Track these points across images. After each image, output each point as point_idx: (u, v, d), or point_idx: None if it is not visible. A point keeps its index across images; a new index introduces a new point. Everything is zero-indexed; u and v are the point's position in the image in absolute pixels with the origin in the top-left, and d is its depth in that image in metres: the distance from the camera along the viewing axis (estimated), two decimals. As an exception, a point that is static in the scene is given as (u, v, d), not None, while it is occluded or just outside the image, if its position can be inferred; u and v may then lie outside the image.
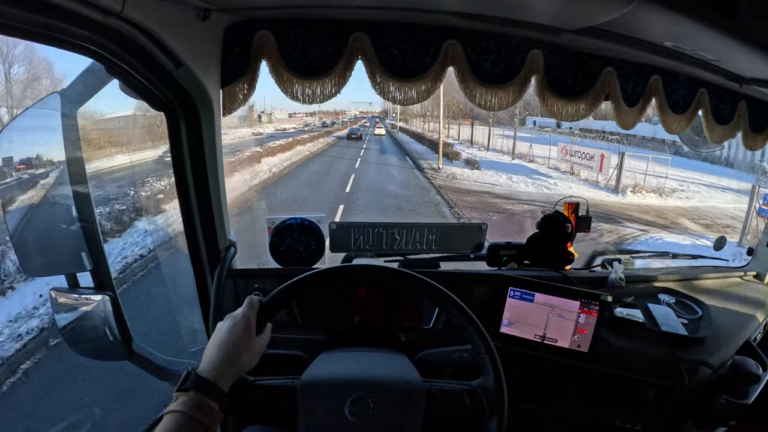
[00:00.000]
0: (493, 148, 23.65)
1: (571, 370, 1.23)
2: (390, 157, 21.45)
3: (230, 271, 1.28)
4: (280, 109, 65.49)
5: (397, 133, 40.79)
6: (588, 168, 15.29)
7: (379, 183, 13.66)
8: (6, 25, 0.69)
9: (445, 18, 1.14)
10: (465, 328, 0.87)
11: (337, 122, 61.86)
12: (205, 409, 0.70)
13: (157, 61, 0.97)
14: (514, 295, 1.23)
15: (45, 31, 0.75)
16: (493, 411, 0.83)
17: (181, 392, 0.71)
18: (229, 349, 0.77)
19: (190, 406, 0.69)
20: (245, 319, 0.80)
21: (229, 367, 0.76)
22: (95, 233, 1.14)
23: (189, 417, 0.69)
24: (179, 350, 1.34)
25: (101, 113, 10.31)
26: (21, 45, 12.84)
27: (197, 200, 1.20)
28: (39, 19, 0.71)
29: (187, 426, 0.68)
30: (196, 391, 0.71)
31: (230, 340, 0.78)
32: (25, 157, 1.19)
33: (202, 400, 0.71)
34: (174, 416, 0.69)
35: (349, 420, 0.81)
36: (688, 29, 1.05)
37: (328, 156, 21.68)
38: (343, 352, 1.01)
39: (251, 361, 0.80)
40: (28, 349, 4.33)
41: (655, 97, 1.38)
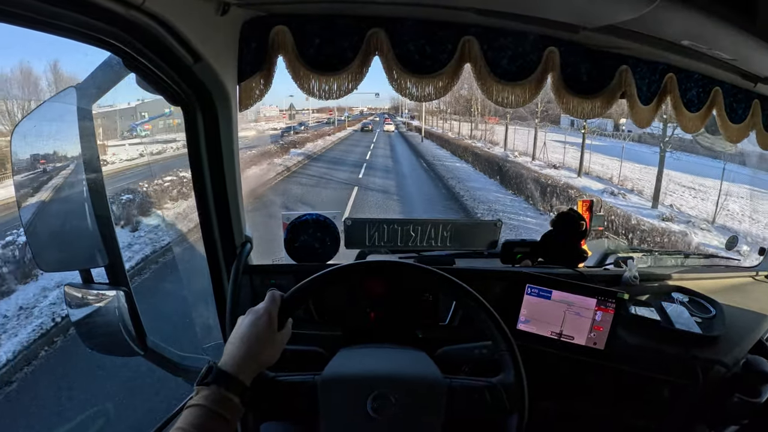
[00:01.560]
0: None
1: (586, 367, 1.23)
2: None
3: (246, 267, 1.28)
4: (270, 105, 63.92)
5: (420, 141, 28.58)
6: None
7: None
8: (26, 17, 0.69)
9: (463, 14, 1.14)
10: (486, 325, 0.87)
11: (342, 119, 58.80)
12: (227, 403, 0.70)
13: (176, 55, 0.96)
14: (531, 292, 1.23)
15: (65, 24, 0.75)
16: (513, 407, 0.82)
17: (202, 386, 0.71)
18: (251, 344, 0.76)
19: (211, 400, 0.69)
20: (267, 314, 0.79)
21: (251, 361, 0.76)
22: (110, 228, 1.14)
23: (210, 411, 0.68)
24: (194, 346, 1.34)
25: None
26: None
27: (214, 195, 1.19)
28: (60, 12, 0.71)
29: (209, 420, 0.68)
30: (218, 385, 0.71)
31: (252, 334, 0.77)
32: (43, 152, 1.19)
33: (223, 394, 0.70)
34: (195, 410, 0.68)
35: (372, 416, 0.81)
36: (707, 28, 1.04)
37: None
38: (363, 349, 1.01)
39: (273, 357, 0.80)
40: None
41: (670, 96, 1.38)
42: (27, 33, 1.56)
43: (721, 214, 10.24)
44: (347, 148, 26.61)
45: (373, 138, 34.39)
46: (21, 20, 0.69)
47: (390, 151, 25.23)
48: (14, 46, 11.51)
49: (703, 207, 11.33)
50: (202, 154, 1.15)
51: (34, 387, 3.88)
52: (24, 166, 1.19)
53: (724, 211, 10.25)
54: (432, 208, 10.87)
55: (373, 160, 19.99)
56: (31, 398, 3.72)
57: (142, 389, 3.38)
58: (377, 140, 32.65)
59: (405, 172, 16.47)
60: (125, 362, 3.44)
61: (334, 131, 38.60)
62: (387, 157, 21.69)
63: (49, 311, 4.99)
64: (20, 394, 3.78)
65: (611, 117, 24.57)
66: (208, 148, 1.15)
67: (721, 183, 10.59)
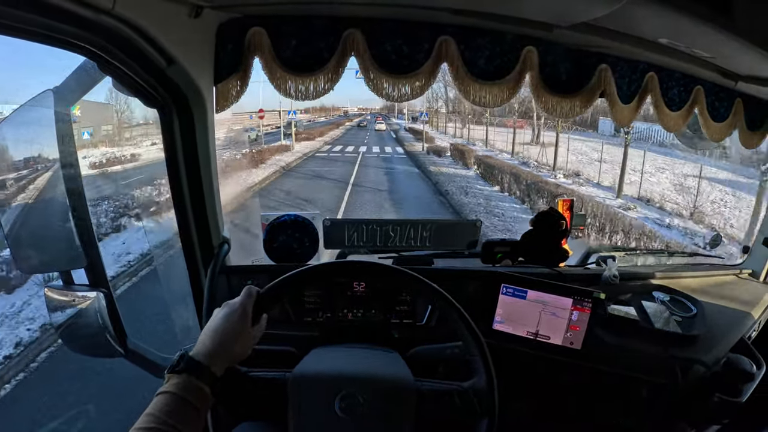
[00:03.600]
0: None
1: (563, 367, 1.23)
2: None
3: (224, 268, 1.28)
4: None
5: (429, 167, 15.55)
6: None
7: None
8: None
9: (439, 14, 1.14)
10: (458, 326, 0.87)
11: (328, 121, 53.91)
12: (197, 392, 0.71)
13: (149, 58, 0.97)
14: (506, 292, 1.23)
15: (36, 29, 0.76)
16: (483, 411, 0.83)
17: (173, 374, 0.72)
18: (224, 336, 0.77)
19: (181, 388, 0.70)
20: (242, 308, 0.80)
21: (223, 352, 0.76)
22: (89, 230, 1.14)
23: (180, 398, 0.69)
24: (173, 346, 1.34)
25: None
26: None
27: (191, 197, 1.20)
28: (30, 17, 0.72)
29: (178, 407, 0.68)
30: (188, 373, 0.71)
31: (225, 326, 0.78)
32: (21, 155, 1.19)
33: (193, 382, 0.71)
34: (165, 397, 0.69)
35: (339, 416, 0.82)
36: (683, 26, 1.04)
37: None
38: (335, 348, 1.02)
39: (244, 350, 0.80)
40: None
41: (651, 94, 1.38)
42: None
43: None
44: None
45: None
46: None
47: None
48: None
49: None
50: (179, 156, 1.15)
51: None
52: (2, 168, 1.19)
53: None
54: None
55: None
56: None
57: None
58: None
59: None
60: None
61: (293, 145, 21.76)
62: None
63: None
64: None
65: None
66: (185, 150, 1.15)
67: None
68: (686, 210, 10.09)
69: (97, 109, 13.31)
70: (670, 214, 10.03)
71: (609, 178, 12.81)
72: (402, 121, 52.63)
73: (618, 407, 1.28)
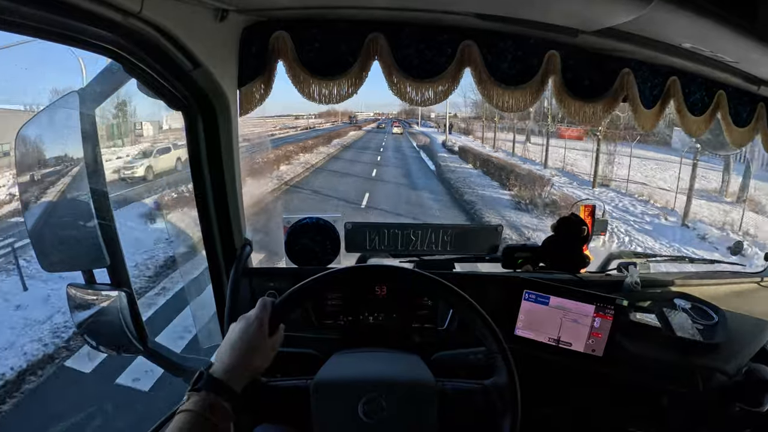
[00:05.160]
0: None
1: (584, 374, 1.22)
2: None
3: (246, 270, 1.29)
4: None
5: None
6: None
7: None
8: (26, 26, 0.70)
9: (462, 19, 1.13)
10: (478, 328, 0.87)
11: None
12: (217, 410, 0.71)
13: (175, 61, 0.97)
14: (528, 298, 1.22)
15: (65, 31, 0.77)
16: (506, 409, 0.83)
17: (193, 392, 0.72)
18: (242, 351, 0.77)
19: (201, 406, 0.70)
20: (258, 321, 0.80)
21: (242, 368, 0.77)
22: (112, 230, 1.16)
23: (201, 417, 0.69)
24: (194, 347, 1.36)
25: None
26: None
27: (214, 199, 1.21)
28: (59, 20, 0.72)
29: (199, 425, 0.69)
30: (208, 391, 0.72)
31: (243, 341, 0.78)
32: (46, 155, 1.21)
33: (214, 400, 0.71)
34: (186, 415, 0.69)
35: (363, 420, 0.82)
36: (707, 30, 1.03)
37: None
38: (357, 353, 1.02)
39: (264, 363, 0.81)
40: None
41: (673, 99, 1.36)
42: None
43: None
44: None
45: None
46: (22, 29, 0.71)
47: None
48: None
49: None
50: (202, 158, 1.16)
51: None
52: (28, 168, 1.21)
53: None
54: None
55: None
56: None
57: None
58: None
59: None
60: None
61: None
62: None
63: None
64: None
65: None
66: (209, 152, 1.16)
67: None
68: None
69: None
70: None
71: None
72: (428, 129, 45.84)
73: (638, 415, 1.27)
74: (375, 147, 28.56)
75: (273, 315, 0.83)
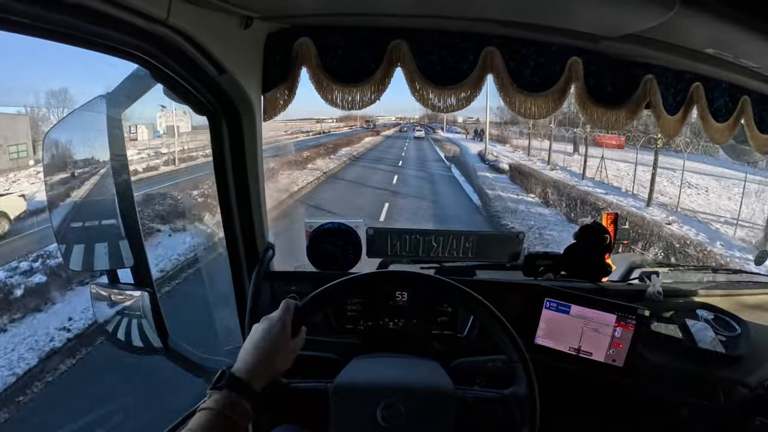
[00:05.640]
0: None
1: (604, 384, 1.21)
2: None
3: (268, 273, 1.30)
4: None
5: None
6: None
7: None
8: (55, 32, 0.72)
9: (484, 25, 1.14)
10: (498, 336, 0.86)
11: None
12: (238, 408, 0.72)
13: (201, 67, 0.99)
14: (550, 307, 1.21)
15: (93, 38, 0.78)
16: (524, 420, 0.82)
17: (214, 390, 0.73)
18: (264, 351, 0.78)
19: (223, 405, 0.71)
20: (281, 322, 0.81)
21: (263, 368, 0.78)
22: (137, 231, 1.18)
23: (221, 415, 0.70)
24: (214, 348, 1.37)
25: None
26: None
27: (237, 203, 1.22)
28: (89, 27, 0.74)
29: (220, 423, 0.70)
30: (229, 390, 0.73)
31: (265, 341, 0.79)
32: (73, 157, 1.24)
33: (235, 399, 0.72)
34: (207, 413, 0.70)
35: (381, 425, 0.82)
36: (730, 35, 1.02)
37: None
38: (376, 358, 1.02)
39: (285, 364, 0.82)
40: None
41: (697, 105, 1.35)
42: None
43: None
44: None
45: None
46: (53, 35, 0.73)
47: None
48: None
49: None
50: (227, 162, 1.17)
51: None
52: (55, 170, 1.24)
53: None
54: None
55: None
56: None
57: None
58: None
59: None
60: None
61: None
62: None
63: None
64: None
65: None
66: (233, 157, 1.17)
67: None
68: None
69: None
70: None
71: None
72: (454, 135, 40.77)
73: (657, 427, 1.25)
74: (392, 159, 22.53)
75: (296, 317, 0.83)
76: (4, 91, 14.44)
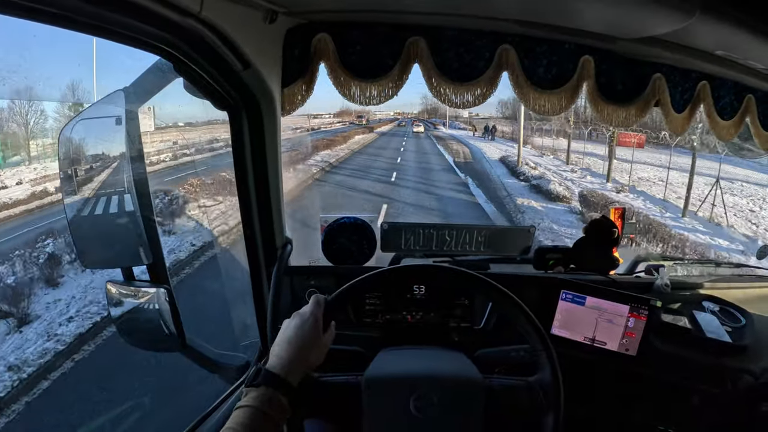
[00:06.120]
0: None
1: (617, 373, 1.24)
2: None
3: (286, 268, 1.31)
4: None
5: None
6: None
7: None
8: (86, 23, 0.72)
9: (500, 24, 1.15)
10: (521, 325, 0.88)
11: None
12: (276, 405, 0.72)
13: (227, 61, 0.99)
14: (566, 298, 1.24)
15: (122, 30, 0.78)
16: (549, 406, 0.84)
17: (251, 387, 0.73)
18: (299, 346, 0.78)
19: (261, 401, 0.71)
20: (313, 317, 0.82)
21: (299, 363, 0.78)
22: (153, 227, 1.17)
23: (260, 412, 0.70)
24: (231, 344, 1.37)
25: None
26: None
27: (257, 197, 1.22)
28: (118, 18, 0.74)
29: (258, 420, 0.69)
30: (266, 386, 0.72)
31: (299, 337, 0.79)
32: (90, 152, 1.23)
33: (272, 395, 0.72)
34: (246, 411, 0.70)
35: (414, 415, 0.83)
36: (742, 39, 1.05)
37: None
38: (403, 350, 1.03)
39: (319, 358, 0.82)
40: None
41: (704, 103, 1.38)
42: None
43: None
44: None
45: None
46: (78, 26, 0.72)
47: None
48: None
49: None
50: (246, 157, 1.18)
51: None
52: (70, 165, 1.23)
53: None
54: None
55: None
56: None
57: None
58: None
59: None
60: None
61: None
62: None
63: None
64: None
65: None
66: (253, 152, 1.18)
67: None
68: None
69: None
70: None
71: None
72: (459, 132, 35.12)
73: (668, 414, 1.28)
74: (384, 168, 16.35)
75: (326, 311, 0.84)
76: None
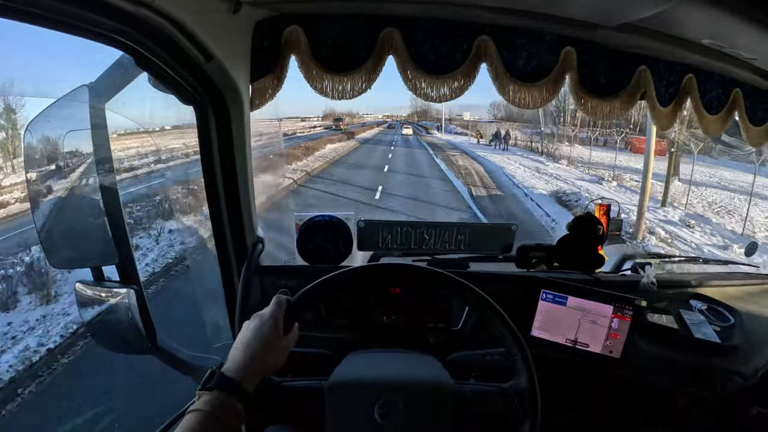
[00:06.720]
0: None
1: (601, 376, 1.20)
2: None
3: (257, 268, 1.27)
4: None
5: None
6: None
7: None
8: (39, 15, 0.69)
9: (478, 13, 1.12)
10: (497, 328, 0.85)
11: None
12: (229, 409, 0.69)
13: (188, 54, 0.96)
14: (546, 298, 1.20)
15: (77, 22, 0.75)
16: (526, 413, 0.80)
17: (204, 391, 0.70)
18: (256, 349, 0.75)
19: (213, 406, 0.68)
20: (273, 319, 0.78)
21: (255, 367, 0.75)
22: (122, 226, 1.14)
23: (211, 416, 0.67)
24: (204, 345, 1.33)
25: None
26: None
27: (225, 195, 1.19)
28: (71, 10, 0.71)
29: (210, 425, 0.67)
30: (219, 390, 0.70)
31: (257, 339, 0.76)
32: (55, 150, 1.19)
33: (225, 399, 0.69)
34: (196, 415, 0.67)
35: (379, 423, 0.80)
36: (727, 26, 1.02)
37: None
38: (372, 353, 1.00)
39: (278, 362, 0.79)
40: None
41: (690, 97, 1.35)
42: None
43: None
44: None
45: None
46: (34, 18, 0.69)
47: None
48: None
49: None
50: (214, 154, 1.14)
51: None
52: (36, 163, 1.19)
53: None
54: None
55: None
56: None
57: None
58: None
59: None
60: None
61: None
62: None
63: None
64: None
65: None
66: (220, 148, 1.14)
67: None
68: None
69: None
70: None
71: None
72: (456, 138, 28.70)
73: (655, 417, 1.25)
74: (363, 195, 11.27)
75: (288, 313, 0.81)
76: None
